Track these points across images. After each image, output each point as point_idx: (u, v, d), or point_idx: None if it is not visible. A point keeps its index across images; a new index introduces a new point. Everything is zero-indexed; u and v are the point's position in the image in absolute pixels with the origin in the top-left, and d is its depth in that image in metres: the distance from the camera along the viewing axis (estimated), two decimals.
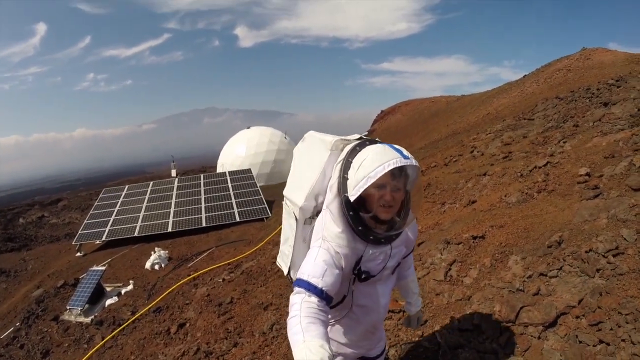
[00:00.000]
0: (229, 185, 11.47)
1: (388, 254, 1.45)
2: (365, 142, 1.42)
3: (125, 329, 4.87)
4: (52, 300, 6.32)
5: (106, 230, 9.68)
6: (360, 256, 1.39)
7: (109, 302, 5.96)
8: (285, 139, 17.95)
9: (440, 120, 16.96)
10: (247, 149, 16.81)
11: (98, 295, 6.07)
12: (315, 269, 1.28)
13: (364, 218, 1.34)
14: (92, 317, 5.47)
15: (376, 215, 1.33)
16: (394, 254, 1.48)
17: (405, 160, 1.26)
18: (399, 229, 1.41)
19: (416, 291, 1.84)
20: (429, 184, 5.74)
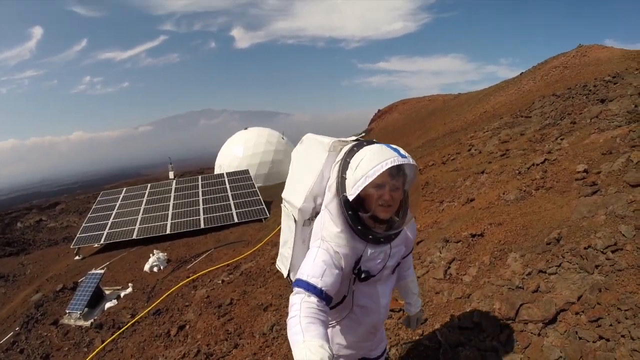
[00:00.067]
0: (227, 187, 11.46)
1: (388, 253, 1.45)
2: (362, 143, 1.44)
3: (125, 332, 4.85)
4: (51, 304, 6.30)
5: (104, 233, 9.65)
6: (360, 256, 1.39)
7: (108, 305, 5.94)
8: (283, 139, 17.95)
9: (438, 119, 16.98)
10: (245, 149, 16.81)
11: (97, 298, 6.05)
12: (315, 269, 1.29)
13: (362, 217, 1.34)
14: (92, 320, 5.45)
15: (375, 214, 1.34)
16: (393, 254, 1.48)
17: (403, 159, 1.27)
18: (397, 228, 1.42)
19: (416, 292, 1.85)
20: (427, 183, 5.74)
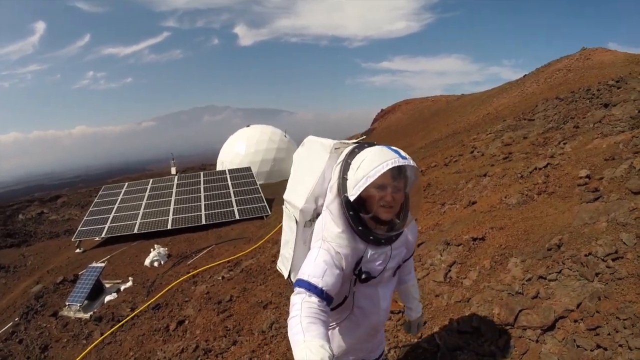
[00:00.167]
0: (229, 183, 11.46)
1: (388, 255, 1.46)
2: (363, 145, 1.45)
3: (124, 325, 4.87)
4: (52, 296, 6.33)
5: (106, 227, 9.68)
6: (361, 257, 1.40)
7: (108, 298, 5.96)
8: (285, 137, 17.95)
9: (441, 120, 16.93)
10: (247, 147, 16.82)
11: (97, 291, 6.08)
12: (316, 269, 1.29)
13: (364, 218, 1.35)
14: (91, 313, 5.48)
15: (377, 215, 1.35)
16: (394, 255, 1.49)
17: (403, 160, 1.29)
18: (398, 229, 1.43)
19: (417, 296, 1.85)
20: (429, 184, 5.74)
